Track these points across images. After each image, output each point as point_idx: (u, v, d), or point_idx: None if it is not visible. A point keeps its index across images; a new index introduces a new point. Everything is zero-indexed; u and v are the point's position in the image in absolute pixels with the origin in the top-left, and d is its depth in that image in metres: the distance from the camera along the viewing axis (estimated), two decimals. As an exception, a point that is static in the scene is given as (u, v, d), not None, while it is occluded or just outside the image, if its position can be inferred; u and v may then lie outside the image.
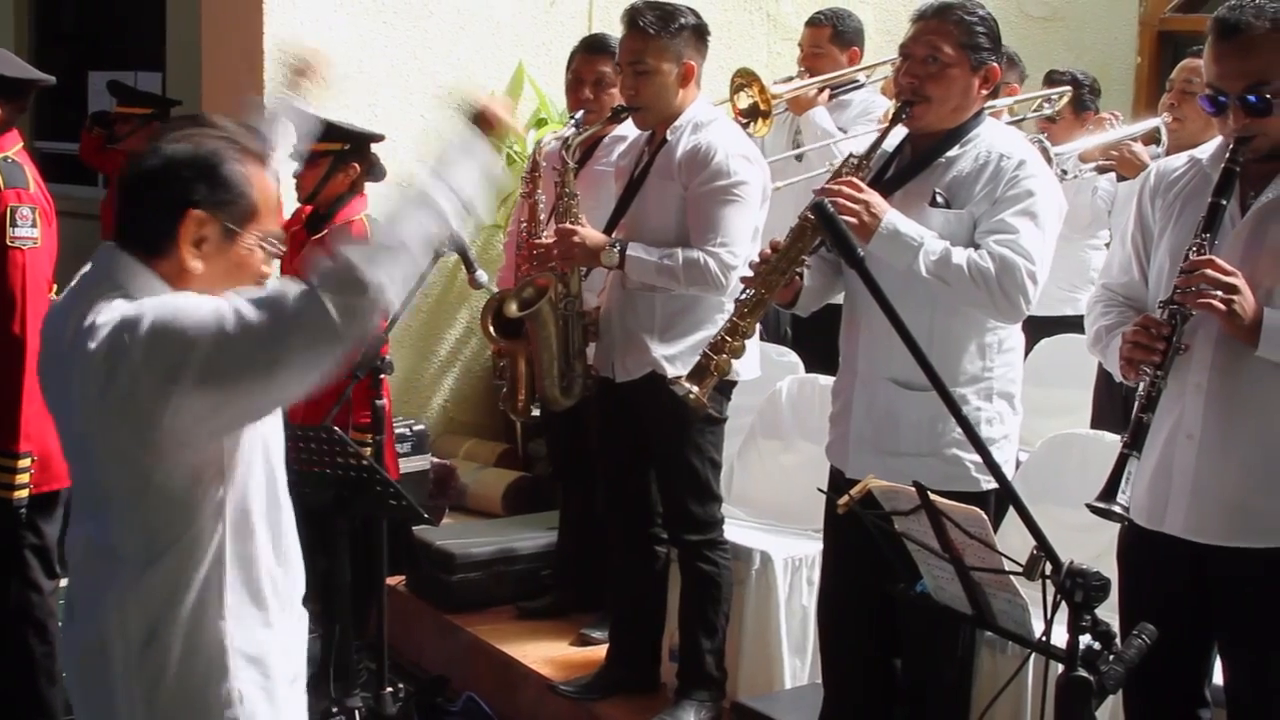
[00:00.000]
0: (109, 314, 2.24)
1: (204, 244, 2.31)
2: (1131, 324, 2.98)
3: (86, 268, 2.39)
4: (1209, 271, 2.83)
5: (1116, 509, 2.79)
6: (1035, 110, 6.08)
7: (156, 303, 2.24)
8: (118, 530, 2.31)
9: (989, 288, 3.33)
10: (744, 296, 3.54)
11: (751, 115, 5.33)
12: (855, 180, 3.43)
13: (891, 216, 3.36)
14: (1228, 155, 2.94)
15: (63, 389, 2.33)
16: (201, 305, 2.21)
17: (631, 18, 4.21)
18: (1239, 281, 2.83)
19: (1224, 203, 2.92)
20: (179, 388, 2.16)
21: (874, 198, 3.38)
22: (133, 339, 2.19)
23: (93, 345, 2.22)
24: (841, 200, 3.32)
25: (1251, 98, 2.88)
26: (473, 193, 2.30)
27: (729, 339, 3.50)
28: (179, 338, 2.17)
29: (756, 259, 3.57)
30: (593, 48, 4.95)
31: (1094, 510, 2.82)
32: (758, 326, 4.48)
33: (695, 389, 3.49)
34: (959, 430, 3.40)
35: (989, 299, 3.35)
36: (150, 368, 2.18)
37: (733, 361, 3.55)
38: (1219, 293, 2.82)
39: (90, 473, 2.35)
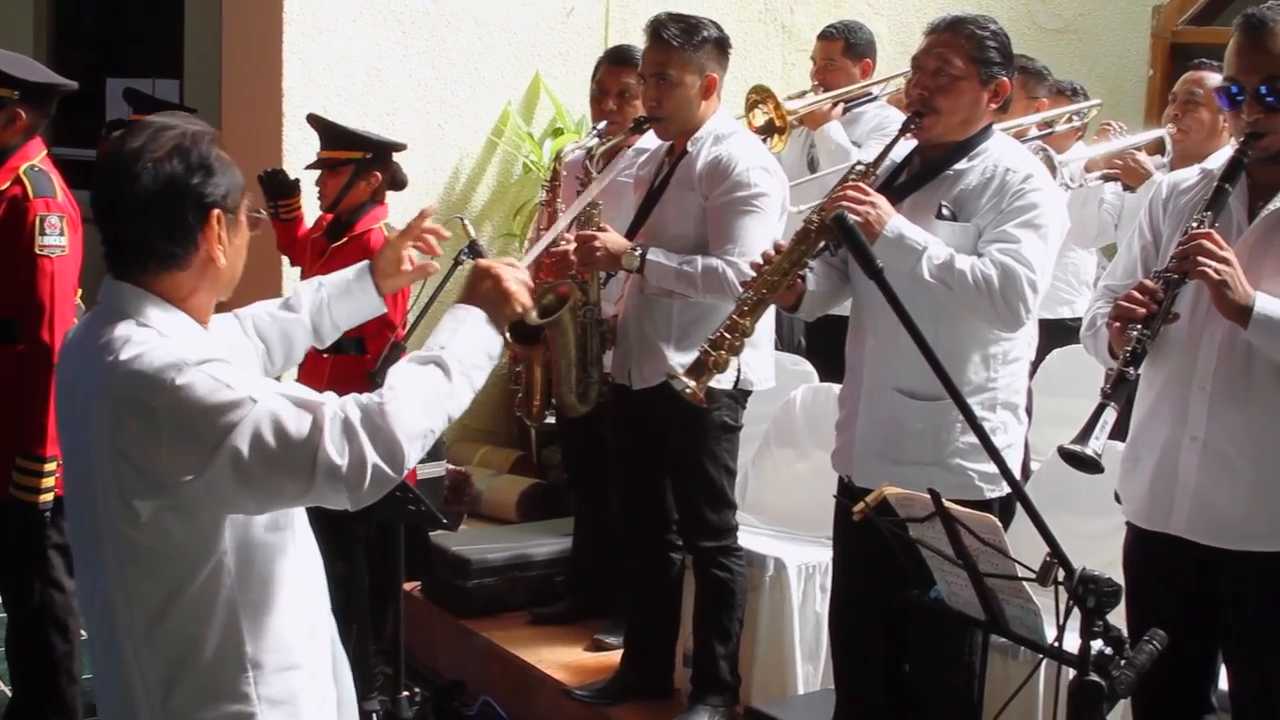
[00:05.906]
0: (128, 351, 2.20)
1: (222, 238, 2.31)
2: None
3: (96, 305, 2.36)
4: (1204, 244, 2.88)
5: (1089, 452, 2.81)
6: (1066, 123, 6.05)
7: (177, 356, 2.19)
8: (120, 583, 2.26)
9: (991, 294, 3.37)
10: (745, 295, 3.55)
11: (768, 131, 5.34)
12: (862, 185, 3.48)
13: (897, 221, 3.41)
14: (1237, 147, 3.00)
15: (76, 423, 2.29)
16: (237, 388, 2.18)
17: (655, 30, 4.24)
18: (1232, 256, 2.88)
19: (1228, 187, 2.98)
20: (197, 471, 2.15)
21: (880, 200, 3.43)
22: (161, 402, 2.15)
23: (110, 386, 2.20)
24: (849, 202, 3.37)
25: (1263, 89, 2.94)
26: (480, 380, 2.53)
27: (728, 336, 3.49)
28: (213, 420, 2.15)
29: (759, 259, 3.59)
30: (618, 59, 4.96)
31: (1065, 453, 2.83)
32: (773, 336, 4.55)
33: (693, 384, 3.48)
34: (963, 440, 3.48)
35: (990, 306, 3.39)
36: (176, 441, 2.16)
37: (733, 360, 3.54)
38: (1212, 263, 2.86)
39: (92, 515, 2.28)
